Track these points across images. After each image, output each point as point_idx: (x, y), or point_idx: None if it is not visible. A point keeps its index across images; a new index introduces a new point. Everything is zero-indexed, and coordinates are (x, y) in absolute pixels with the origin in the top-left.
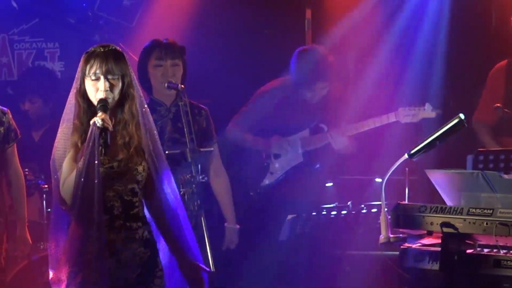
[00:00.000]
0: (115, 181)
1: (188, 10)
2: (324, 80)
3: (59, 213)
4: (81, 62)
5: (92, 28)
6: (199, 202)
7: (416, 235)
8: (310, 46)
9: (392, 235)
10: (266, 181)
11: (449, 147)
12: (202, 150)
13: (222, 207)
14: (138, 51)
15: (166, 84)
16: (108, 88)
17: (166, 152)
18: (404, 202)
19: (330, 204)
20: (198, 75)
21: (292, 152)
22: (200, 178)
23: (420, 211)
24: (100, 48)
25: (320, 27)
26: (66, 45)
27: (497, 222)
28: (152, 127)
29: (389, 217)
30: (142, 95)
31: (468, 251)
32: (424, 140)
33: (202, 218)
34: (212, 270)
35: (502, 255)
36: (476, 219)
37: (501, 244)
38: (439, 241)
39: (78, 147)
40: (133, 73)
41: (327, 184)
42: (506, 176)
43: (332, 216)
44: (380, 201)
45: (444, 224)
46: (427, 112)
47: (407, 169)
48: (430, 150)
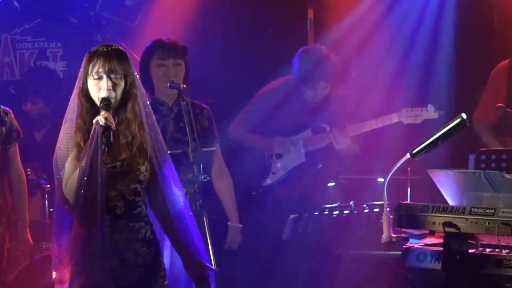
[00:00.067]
0: (118, 180)
1: (190, 10)
2: (326, 80)
3: (62, 213)
4: (83, 62)
5: (94, 28)
6: (201, 201)
7: (418, 235)
8: (312, 46)
9: (394, 235)
10: (268, 180)
11: (451, 147)
12: (204, 149)
13: (225, 207)
14: (140, 51)
15: (168, 84)
16: (111, 87)
17: (168, 152)
18: (406, 202)
19: (332, 204)
20: (200, 74)
21: (294, 152)
22: (202, 177)
23: (422, 210)
24: (103, 48)
25: (322, 26)
26: (68, 45)
27: (499, 222)
28: (156, 127)
29: (391, 216)
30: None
31: (470, 251)
32: (426, 140)
33: (204, 218)
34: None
35: (504, 254)
36: (478, 219)
37: (503, 243)
38: (441, 240)
39: (80, 147)
40: (135, 72)
41: (329, 183)
42: (508, 176)
43: (334, 215)
44: (382, 200)
45: (446, 223)
46: (429, 113)
47: (409, 168)
48: (432, 149)
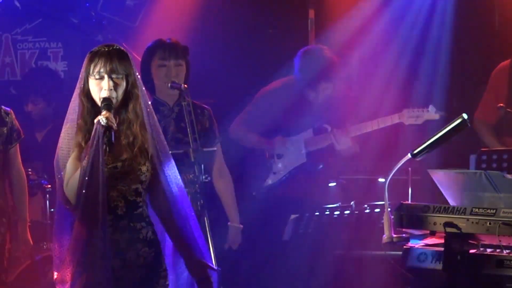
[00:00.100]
0: (119, 181)
1: (191, 10)
2: (328, 81)
3: (63, 213)
4: (85, 62)
5: (95, 28)
6: (202, 201)
7: (419, 235)
8: (314, 46)
9: (395, 235)
10: (269, 181)
11: (452, 147)
12: (205, 150)
13: (225, 207)
14: (141, 51)
15: (170, 84)
16: (112, 87)
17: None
18: (407, 202)
19: (333, 204)
20: (201, 75)
21: (295, 152)
22: (203, 178)
23: (423, 211)
24: (105, 48)
25: (323, 27)
26: (69, 45)
27: (500, 222)
28: (157, 127)
29: (392, 217)
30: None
31: (471, 251)
32: (427, 140)
33: (206, 218)
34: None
35: (505, 255)
36: (479, 219)
37: (504, 244)
38: (442, 241)
39: (82, 147)
40: (137, 73)
41: (330, 184)
42: (509, 176)
43: (335, 216)
44: (383, 201)
45: (447, 224)
46: (431, 114)
47: (410, 169)
48: (433, 150)
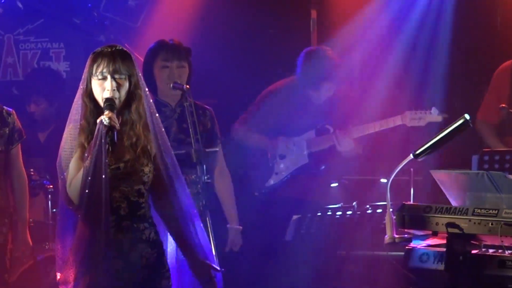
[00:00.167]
0: (122, 182)
1: (192, 10)
2: (330, 81)
3: (66, 213)
4: (88, 62)
5: (97, 28)
6: (204, 202)
7: (421, 236)
8: (317, 47)
9: (397, 236)
10: (271, 181)
11: (454, 148)
12: (207, 150)
13: (224, 208)
14: (143, 52)
15: (172, 85)
16: (115, 88)
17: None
18: (409, 203)
19: (335, 204)
20: (202, 75)
21: (297, 153)
22: (205, 178)
23: (425, 211)
24: (108, 48)
25: (325, 27)
26: (71, 45)
27: (502, 223)
28: (161, 127)
29: (394, 217)
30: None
31: (473, 252)
32: (429, 141)
33: (208, 218)
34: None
35: (507, 255)
36: (481, 220)
37: (506, 244)
38: (444, 241)
39: (84, 147)
40: (140, 74)
41: (332, 184)
42: (511, 177)
43: (337, 216)
44: (385, 201)
45: (449, 224)
46: (433, 116)
47: (412, 169)
48: (435, 150)
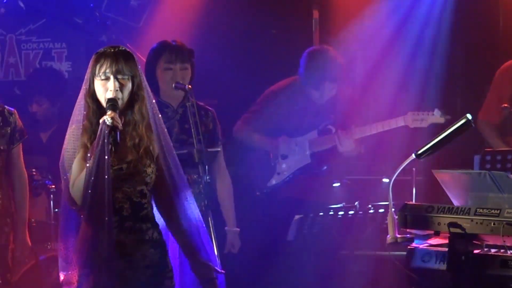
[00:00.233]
0: (124, 183)
1: (195, 10)
2: (333, 81)
3: (69, 214)
4: (90, 63)
5: (99, 28)
6: (206, 202)
7: (423, 235)
8: (319, 46)
9: (399, 235)
10: (273, 181)
11: (456, 147)
12: (209, 150)
13: (223, 210)
14: (145, 52)
15: (174, 84)
16: (118, 88)
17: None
18: (411, 202)
19: (337, 204)
20: (204, 75)
21: (299, 153)
22: (207, 178)
23: (427, 211)
24: (111, 49)
25: (327, 27)
26: (73, 45)
27: (504, 222)
28: (163, 128)
29: (396, 217)
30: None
31: (475, 251)
32: (432, 141)
33: (210, 218)
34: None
35: (509, 255)
36: (483, 219)
37: (508, 244)
38: (446, 241)
39: (87, 148)
40: (143, 74)
41: (334, 184)
42: None
43: (339, 216)
44: (387, 201)
45: (451, 224)
46: (436, 117)
47: (414, 169)
48: (437, 150)
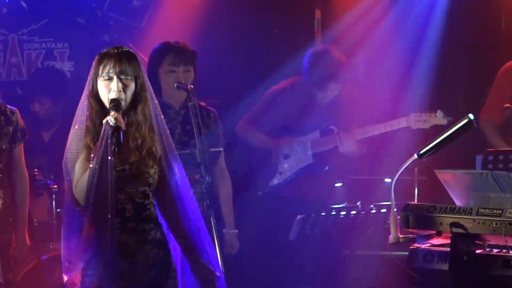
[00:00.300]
0: (127, 183)
1: (197, 10)
2: (336, 81)
3: (72, 215)
4: (94, 63)
5: (102, 28)
6: (208, 202)
7: (425, 235)
8: (323, 47)
9: (401, 235)
10: (275, 181)
11: (458, 147)
12: (211, 150)
13: (222, 210)
14: (147, 52)
15: (176, 84)
16: (121, 89)
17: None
18: (413, 202)
19: (340, 204)
20: (206, 75)
21: (301, 153)
22: (208, 178)
23: (429, 211)
24: (114, 49)
25: (329, 27)
26: (75, 45)
27: (506, 222)
28: (166, 129)
29: (398, 217)
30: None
31: (477, 251)
32: (434, 141)
33: (212, 218)
34: (222, 271)
35: (511, 255)
36: (485, 219)
37: (510, 244)
38: (449, 241)
39: (90, 148)
40: (146, 75)
41: (336, 184)
42: None
43: (342, 216)
44: (390, 201)
45: (453, 224)
46: (438, 119)
47: (416, 169)
48: (439, 150)
